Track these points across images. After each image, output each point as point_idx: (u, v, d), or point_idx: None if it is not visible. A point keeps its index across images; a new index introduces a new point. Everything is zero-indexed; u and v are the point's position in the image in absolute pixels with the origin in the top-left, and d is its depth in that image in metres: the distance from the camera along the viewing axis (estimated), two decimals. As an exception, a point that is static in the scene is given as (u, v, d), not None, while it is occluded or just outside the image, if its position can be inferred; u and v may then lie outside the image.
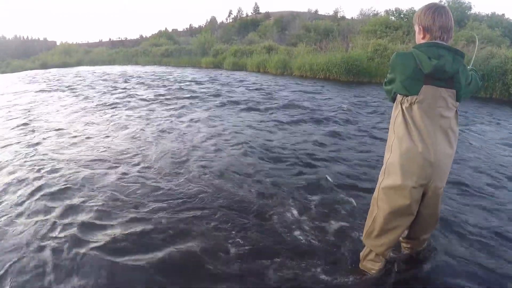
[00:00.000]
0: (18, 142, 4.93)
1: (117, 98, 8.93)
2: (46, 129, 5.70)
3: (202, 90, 10.23)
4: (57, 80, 15.53)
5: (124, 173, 3.60)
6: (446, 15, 1.66)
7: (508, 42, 14.53)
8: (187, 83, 12.42)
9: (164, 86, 11.45)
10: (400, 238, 2.12)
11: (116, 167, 3.81)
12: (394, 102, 1.84)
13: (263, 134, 5.17)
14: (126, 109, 7.27)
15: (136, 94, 9.51)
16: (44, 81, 15.04)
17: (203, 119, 6.22)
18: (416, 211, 1.84)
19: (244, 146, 4.46)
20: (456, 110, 1.74)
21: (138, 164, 3.89)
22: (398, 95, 1.76)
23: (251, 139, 4.84)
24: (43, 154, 4.31)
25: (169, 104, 7.78)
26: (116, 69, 21.89)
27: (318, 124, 5.97)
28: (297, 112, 6.89)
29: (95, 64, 30.00)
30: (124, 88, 11.06)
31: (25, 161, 4.08)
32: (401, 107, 1.74)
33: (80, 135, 5.17)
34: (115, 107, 7.54)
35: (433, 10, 1.67)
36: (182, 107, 7.46)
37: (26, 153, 4.38)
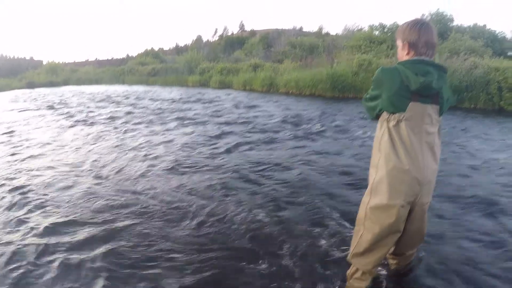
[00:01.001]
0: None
1: (92, 117, 9.47)
2: (26, 143, 6.16)
3: (176, 109, 10.33)
4: (42, 99, 15.57)
5: (88, 187, 3.76)
6: (431, 31, 1.64)
7: (491, 52, 14.73)
8: (165, 103, 12.46)
9: (141, 106, 11.63)
10: (387, 254, 2.06)
11: (80, 178, 4.09)
12: (376, 120, 1.78)
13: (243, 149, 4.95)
14: (96, 126, 7.86)
15: (109, 113, 9.94)
16: (28, 101, 15.05)
17: (166, 138, 6.44)
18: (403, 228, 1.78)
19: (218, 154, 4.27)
20: (439, 125, 1.72)
21: (101, 176, 4.15)
22: (384, 113, 1.69)
23: (228, 158, 4.63)
24: (19, 166, 4.68)
25: (139, 123, 8.21)
26: (100, 89, 21.68)
27: (299, 140, 5.87)
28: (279, 128, 6.79)
29: (82, 83, 29.53)
30: (100, 107, 11.73)
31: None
32: (387, 125, 1.68)
33: (53, 150, 5.63)
34: (89, 125, 8.08)
35: (418, 26, 1.63)
36: (148, 125, 7.91)
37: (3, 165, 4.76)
